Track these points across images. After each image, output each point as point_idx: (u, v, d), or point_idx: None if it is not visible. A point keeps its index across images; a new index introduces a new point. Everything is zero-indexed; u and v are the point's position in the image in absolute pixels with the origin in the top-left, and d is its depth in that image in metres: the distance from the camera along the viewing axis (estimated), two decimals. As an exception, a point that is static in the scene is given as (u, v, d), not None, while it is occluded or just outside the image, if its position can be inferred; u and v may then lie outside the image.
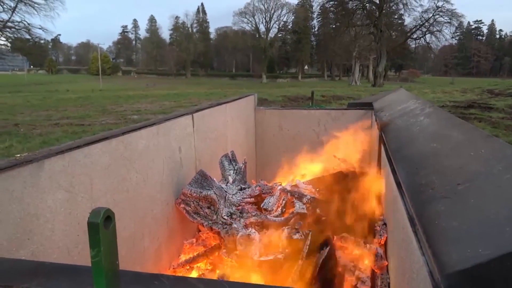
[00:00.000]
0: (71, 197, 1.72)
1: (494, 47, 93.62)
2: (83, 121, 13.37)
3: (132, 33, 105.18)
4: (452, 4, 47.78)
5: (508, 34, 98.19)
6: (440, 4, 47.35)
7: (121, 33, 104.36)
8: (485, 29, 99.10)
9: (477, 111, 14.32)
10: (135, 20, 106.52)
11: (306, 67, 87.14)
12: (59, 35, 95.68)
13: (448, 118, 2.10)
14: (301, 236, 2.04)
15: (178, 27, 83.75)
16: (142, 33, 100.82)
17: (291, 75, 79.21)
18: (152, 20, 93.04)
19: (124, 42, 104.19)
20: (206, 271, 2.61)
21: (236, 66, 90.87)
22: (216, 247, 2.78)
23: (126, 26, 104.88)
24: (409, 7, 47.77)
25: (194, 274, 2.58)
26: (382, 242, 2.07)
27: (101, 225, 0.80)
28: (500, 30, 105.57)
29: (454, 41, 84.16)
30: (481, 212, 1.00)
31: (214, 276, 2.43)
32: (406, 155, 1.81)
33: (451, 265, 0.86)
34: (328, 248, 1.92)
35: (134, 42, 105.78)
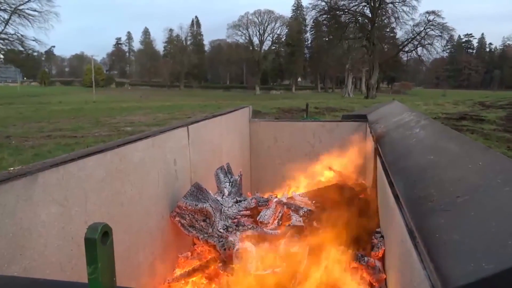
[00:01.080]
0: (65, 211, 1.69)
1: (485, 60, 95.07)
2: (76, 133, 13.28)
3: (126, 45, 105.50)
4: (443, 18, 48.60)
5: (497, 47, 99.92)
6: (431, 17, 48.19)
7: (115, 45, 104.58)
8: (475, 42, 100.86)
9: (469, 123, 14.46)
10: (129, 33, 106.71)
11: (299, 79, 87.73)
12: (53, 47, 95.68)
13: (443, 131, 2.11)
14: (299, 249, 2.02)
15: (172, 40, 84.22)
16: (136, 45, 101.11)
17: (285, 87, 79.70)
18: (146, 32, 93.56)
19: (118, 54, 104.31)
20: (201, 286, 2.57)
21: (230, 78, 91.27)
22: (212, 260, 2.74)
23: (120, 38, 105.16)
24: (401, 20, 48.48)
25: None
26: (380, 255, 2.06)
27: (99, 241, 0.78)
28: (490, 43, 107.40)
29: (445, 54, 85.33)
30: (482, 225, 1.00)
31: (209, 291, 2.39)
32: (403, 167, 1.81)
33: (454, 280, 0.85)
34: (326, 262, 1.90)
35: (128, 54, 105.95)
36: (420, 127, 2.37)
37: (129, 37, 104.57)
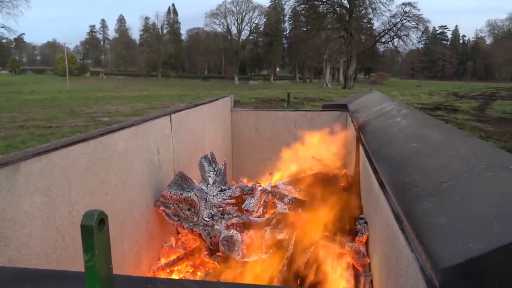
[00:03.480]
0: (48, 201, 1.65)
1: (458, 52, 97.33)
2: (50, 123, 12.92)
3: (100, 33, 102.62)
4: (418, 9, 49.42)
5: (470, 39, 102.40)
6: (407, 9, 48.91)
7: (89, 33, 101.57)
8: (449, 34, 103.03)
9: (444, 113, 14.84)
10: (103, 20, 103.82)
11: (277, 69, 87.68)
12: (23, 34, 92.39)
13: (425, 119, 2.16)
14: (285, 236, 2.04)
15: (148, 28, 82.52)
16: (111, 33, 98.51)
17: (263, 77, 79.56)
18: (121, 20, 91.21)
19: (92, 42, 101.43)
20: (186, 274, 2.58)
21: (208, 68, 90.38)
22: (197, 249, 2.75)
23: (94, 26, 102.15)
24: (378, 11, 49.05)
25: (174, 278, 2.54)
26: (364, 240, 2.11)
27: (95, 228, 0.77)
28: (464, 35, 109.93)
29: (421, 46, 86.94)
30: (468, 209, 1.03)
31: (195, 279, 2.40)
32: (387, 155, 1.85)
33: (443, 261, 0.88)
34: (312, 248, 1.94)
35: (102, 42, 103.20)
36: (401, 116, 2.42)
37: (104, 25, 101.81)
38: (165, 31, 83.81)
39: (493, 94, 24.24)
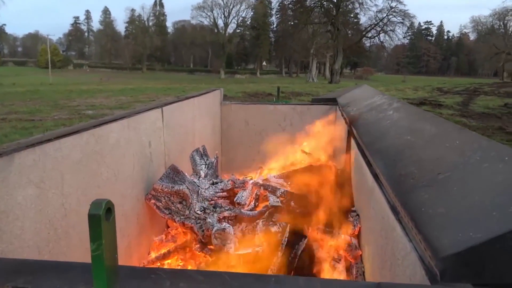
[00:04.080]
0: (41, 193, 1.63)
1: (443, 47, 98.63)
2: (33, 116, 12.64)
3: (84, 25, 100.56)
4: (404, 4, 49.74)
5: (455, 35, 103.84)
6: (393, 4, 49.16)
7: (72, 25, 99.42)
8: (434, 29, 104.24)
9: (429, 107, 15.02)
10: (88, 11, 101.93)
11: (264, 63, 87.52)
12: (4, 25, 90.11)
13: (417, 113, 2.19)
14: (278, 228, 2.05)
15: (134, 20, 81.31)
16: (96, 25, 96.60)
17: (250, 71, 79.31)
18: (106, 11, 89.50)
19: (75, 34, 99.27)
20: (177, 268, 2.57)
21: (194, 61, 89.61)
22: (187, 243, 2.75)
23: (78, 17, 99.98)
24: (365, 6, 49.18)
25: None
26: (356, 233, 2.13)
27: (103, 217, 0.76)
28: (448, 31, 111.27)
29: (406, 41, 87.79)
30: (466, 199, 1.06)
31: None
32: (381, 147, 1.87)
33: (444, 249, 0.90)
34: (305, 240, 1.95)
35: (86, 34, 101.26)
36: (393, 110, 2.45)
37: (88, 16, 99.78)
38: (151, 23, 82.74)
39: (476, 89, 24.66)
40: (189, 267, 2.56)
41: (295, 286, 0.87)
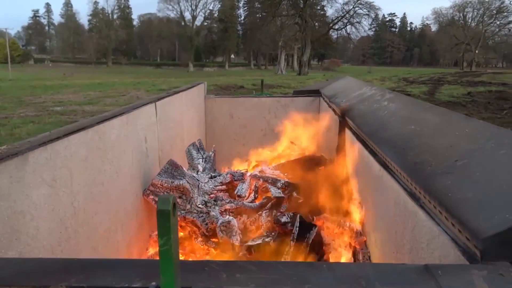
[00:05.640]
0: (53, 192, 1.59)
1: (406, 39, 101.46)
2: (-3, 114, 12.13)
3: (44, 18, 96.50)
4: (370, -4, 50.72)
5: (417, 26, 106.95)
6: (360, -4, 50.05)
7: (32, 18, 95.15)
8: (398, 21, 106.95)
9: (397, 98, 15.47)
10: (48, 4, 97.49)
11: (232, 56, 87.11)
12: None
13: (414, 103, 2.28)
14: (287, 218, 2.09)
15: (97, 13, 78.71)
16: (57, 18, 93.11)
17: (218, 64, 78.73)
18: (67, 4, 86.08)
19: (35, 28, 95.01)
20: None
21: (161, 54, 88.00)
22: (186, 237, 2.74)
23: (37, 10, 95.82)
24: (331, -1, 49.86)
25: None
26: (359, 220, 2.20)
27: (171, 212, 0.77)
28: (411, 23, 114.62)
29: (371, 33, 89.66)
30: (491, 184, 1.12)
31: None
32: (385, 137, 1.93)
33: (483, 231, 0.96)
34: (316, 229, 2.00)
35: (47, 27, 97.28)
36: (387, 100, 2.53)
37: (48, 9, 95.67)
38: (115, 16, 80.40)
39: (440, 79, 25.57)
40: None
41: (348, 271, 0.90)
